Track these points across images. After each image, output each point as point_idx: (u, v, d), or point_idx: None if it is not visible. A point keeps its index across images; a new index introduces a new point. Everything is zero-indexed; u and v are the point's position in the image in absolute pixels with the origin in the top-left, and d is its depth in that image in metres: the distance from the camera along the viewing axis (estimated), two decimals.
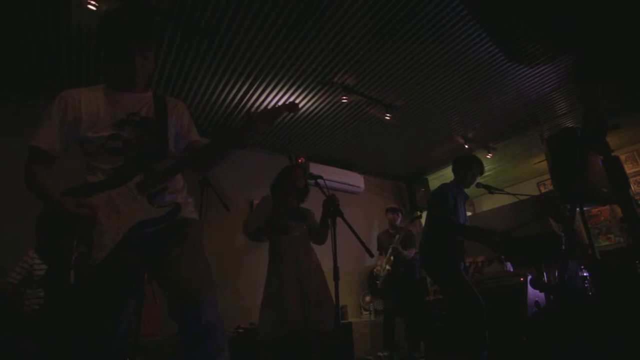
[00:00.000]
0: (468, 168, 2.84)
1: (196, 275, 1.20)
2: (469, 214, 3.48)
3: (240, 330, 3.20)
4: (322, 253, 2.59)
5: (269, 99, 3.64)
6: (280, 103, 3.72)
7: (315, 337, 2.27)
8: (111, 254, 1.12)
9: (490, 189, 3.06)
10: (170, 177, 1.28)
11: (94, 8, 2.40)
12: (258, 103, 3.70)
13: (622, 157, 5.25)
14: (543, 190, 6.09)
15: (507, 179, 6.28)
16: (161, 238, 1.24)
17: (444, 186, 2.83)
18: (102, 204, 1.18)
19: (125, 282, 1.23)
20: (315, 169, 4.54)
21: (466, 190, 2.90)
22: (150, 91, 1.42)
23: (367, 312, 4.66)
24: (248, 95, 3.57)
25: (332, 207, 2.03)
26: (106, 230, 1.14)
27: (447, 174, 5.62)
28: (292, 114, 3.81)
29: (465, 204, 2.87)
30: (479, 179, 2.98)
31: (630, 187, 1.54)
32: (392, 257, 3.96)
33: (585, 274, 2.99)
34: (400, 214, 4.30)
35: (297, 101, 3.71)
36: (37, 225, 1.19)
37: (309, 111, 3.91)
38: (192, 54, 2.95)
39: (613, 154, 1.47)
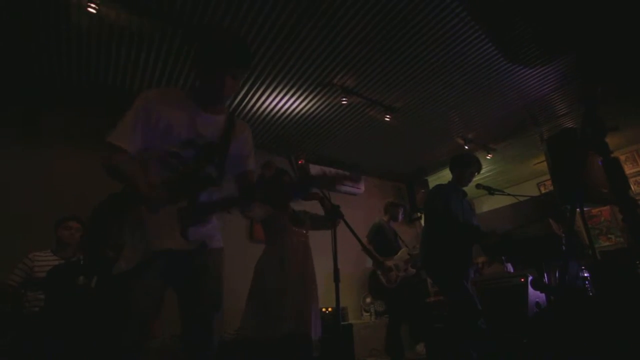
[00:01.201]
0: (465, 167, 2.83)
1: (212, 310, 1.31)
2: None
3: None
4: (323, 255, 2.59)
5: (269, 100, 3.65)
6: (279, 105, 3.73)
7: (308, 342, 2.26)
8: (136, 267, 1.15)
9: (491, 190, 3.05)
10: (213, 213, 1.34)
11: (94, 11, 2.41)
12: (258, 105, 3.71)
13: (622, 158, 5.27)
14: (543, 191, 6.09)
15: (507, 180, 6.28)
16: (186, 263, 1.28)
17: (437, 188, 2.84)
18: (144, 218, 1.20)
19: (154, 293, 1.24)
20: (315, 170, 4.53)
21: (466, 191, 2.89)
22: (224, 113, 1.43)
23: (368, 314, 4.66)
24: (248, 98, 3.57)
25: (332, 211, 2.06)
26: (136, 247, 1.17)
27: (447, 175, 5.58)
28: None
29: (464, 201, 2.85)
30: (480, 180, 2.98)
31: (630, 188, 1.55)
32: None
33: (585, 275, 2.99)
34: (402, 210, 4.19)
35: (296, 103, 3.72)
36: (92, 215, 1.25)
37: (309, 113, 3.92)
38: (192, 56, 2.95)
39: (612, 154, 1.47)
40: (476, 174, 2.89)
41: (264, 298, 2.26)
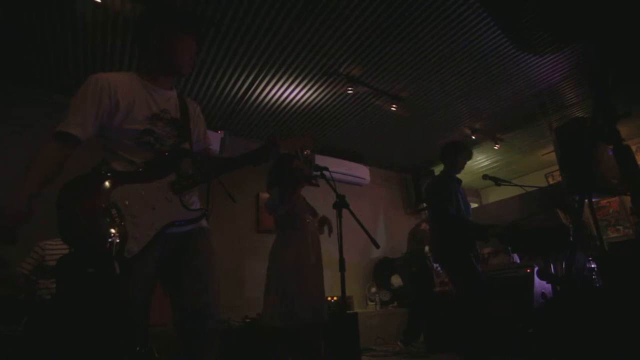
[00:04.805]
0: (457, 154, 2.80)
1: (209, 289, 1.26)
2: (475, 205, 3.45)
3: (248, 321, 3.24)
4: (328, 245, 2.60)
5: (274, 91, 3.63)
6: (284, 95, 3.71)
7: (320, 327, 2.29)
8: (144, 248, 1.14)
9: (498, 181, 3.03)
10: (200, 183, 1.33)
11: (99, 0, 2.40)
12: (263, 95, 3.69)
13: (633, 148, 5.18)
14: (551, 182, 6.02)
15: (515, 171, 6.21)
16: (180, 242, 1.27)
17: (437, 178, 2.82)
18: (136, 195, 1.18)
19: (153, 276, 1.22)
20: (320, 160, 4.53)
21: (472, 181, 2.87)
22: (174, 90, 1.42)
23: (373, 303, 4.69)
24: (253, 88, 3.55)
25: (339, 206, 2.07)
26: (141, 224, 1.15)
27: None
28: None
29: (460, 188, 2.83)
30: (487, 171, 2.96)
31: None
32: None
33: (593, 266, 2.97)
34: None
35: (302, 93, 3.69)
36: (59, 203, 1.09)
37: (314, 103, 3.90)
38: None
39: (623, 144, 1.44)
40: (468, 160, 2.87)
41: (284, 288, 2.24)
